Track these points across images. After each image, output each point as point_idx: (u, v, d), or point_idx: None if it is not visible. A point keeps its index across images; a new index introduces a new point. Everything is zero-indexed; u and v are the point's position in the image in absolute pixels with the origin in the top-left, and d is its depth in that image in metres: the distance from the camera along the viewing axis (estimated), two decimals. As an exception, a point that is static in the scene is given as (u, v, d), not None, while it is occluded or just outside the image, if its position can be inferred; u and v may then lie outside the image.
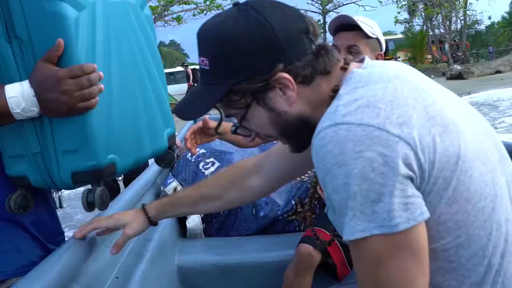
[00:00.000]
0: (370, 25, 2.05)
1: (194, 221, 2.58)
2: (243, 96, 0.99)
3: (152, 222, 1.43)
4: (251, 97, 0.99)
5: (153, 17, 20.96)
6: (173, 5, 21.11)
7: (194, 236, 2.58)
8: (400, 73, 0.95)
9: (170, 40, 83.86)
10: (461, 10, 30.03)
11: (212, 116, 2.23)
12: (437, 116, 0.88)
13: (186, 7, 21.53)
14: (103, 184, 1.26)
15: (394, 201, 0.81)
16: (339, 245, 2.09)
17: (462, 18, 30.91)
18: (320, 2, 29.43)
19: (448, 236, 0.89)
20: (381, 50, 2.12)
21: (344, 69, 1.01)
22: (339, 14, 2.04)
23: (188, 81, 24.11)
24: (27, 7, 1.12)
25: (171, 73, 32.44)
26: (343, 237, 0.86)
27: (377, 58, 2.05)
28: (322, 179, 0.88)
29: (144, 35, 1.42)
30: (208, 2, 20.96)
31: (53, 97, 1.10)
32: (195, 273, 2.30)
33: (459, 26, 32.39)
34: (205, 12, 21.29)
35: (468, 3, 30.09)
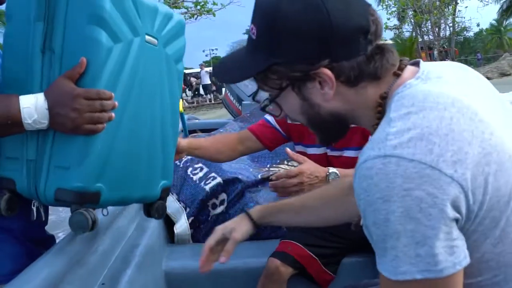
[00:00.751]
0: None
1: (182, 227, 2.57)
2: (280, 78, 0.96)
3: (256, 225, 1.45)
4: (287, 82, 0.96)
5: (144, 21, 20.94)
6: (163, 9, 21.09)
7: (182, 241, 2.57)
8: (456, 98, 0.86)
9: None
10: (450, 17, 30.26)
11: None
12: (493, 153, 0.83)
13: (176, 11, 21.49)
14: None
15: (439, 244, 0.78)
16: (313, 255, 2.05)
17: (451, 25, 31.14)
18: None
19: (486, 274, 0.87)
20: None
21: (397, 75, 0.96)
22: None
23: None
24: (70, 25, 1.19)
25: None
26: (383, 272, 0.83)
27: None
28: (362, 210, 0.84)
29: (169, 88, 1.47)
30: (198, 7, 20.97)
31: (63, 112, 1.14)
32: (183, 279, 2.28)
33: (448, 32, 32.64)
34: (195, 16, 21.31)
35: (457, 10, 30.35)
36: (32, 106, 1.14)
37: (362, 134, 1.89)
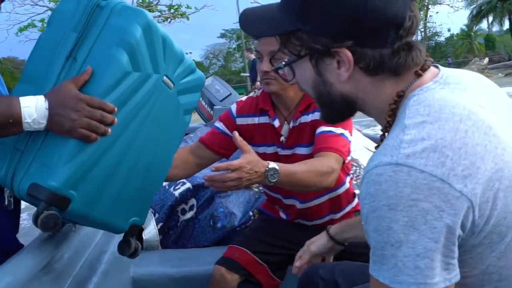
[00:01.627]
0: None
1: (150, 233, 2.56)
2: (301, 45, 0.95)
3: (335, 241, 1.59)
4: (307, 51, 0.95)
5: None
6: (137, 13, 20.93)
7: (150, 248, 2.55)
8: (472, 111, 0.85)
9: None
10: (422, 22, 30.72)
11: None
12: (505, 168, 0.82)
13: (150, 14, 21.39)
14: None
15: (439, 258, 0.79)
16: (261, 261, 2.04)
17: (422, 30, 31.62)
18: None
19: (488, 285, 0.87)
20: None
21: (419, 75, 0.93)
22: None
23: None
24: (100, 42, 1.30)
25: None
26: (380, 279, 0.83)
27: None
28: (365, 214, 0.83)
29: (170, 133, 1.53)
30: (172, 10, 20.88)
31: (64, 113, 1.19)
32: (150, 286, 2.27)
33: (419, 37, 33.11)
34: (169, 20, 21.21)
35: (428, 15, 30.83)
36: (33, 105, 1.18)
37: (312, 130, 1.87)
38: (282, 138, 1.95)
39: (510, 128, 0.90)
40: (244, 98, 2.11)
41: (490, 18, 43.96)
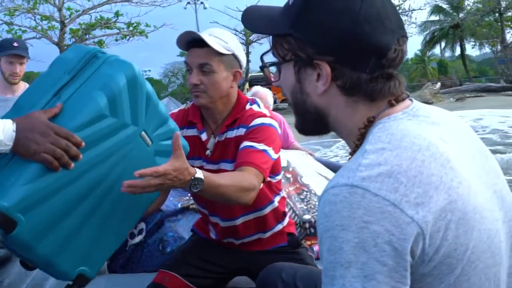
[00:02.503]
0: (225, 40, 1.87)
1: (97, 257, 2.50)
2: (288, 50, 0.98)
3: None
4: (292, 57, 0.98)
5: (74, 40, 20.53)
6: (95, 29, 20.73)
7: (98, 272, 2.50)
8: (433, 143, 0.88)
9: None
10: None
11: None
12: (459, 201, 0.84)
13: (108, 31, 21.20)
14: None
15: (387, 281, 0.79)
16: (191, 285, 2.01)
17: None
18: (243, 33, 29.85)
19: None
20: (240, 67, 1.92)
21: (391, 104, 0.96)
22: (188, 30, 1.85)
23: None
24: (86, 84, 1.38)
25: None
26: None
27: (234, 76, 1.91)
28: (320, 234, 0.84)
29: (139, 201, 1.51)
30: (131, 28, 20.75)
31: (31, 136, 1.22)
32: (96, 312, 2.22)
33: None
34: (128, 37, 21.06)
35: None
36: (0, 128, 1.21)
37: (236, 146, 1.86)
38: (207, 152, 1.94)
39: (470, 165, 0.93)
40: (176, 110, 2.09)
41: (443, 44, 45.46)
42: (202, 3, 36.42)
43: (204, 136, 1.95)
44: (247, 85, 30.88)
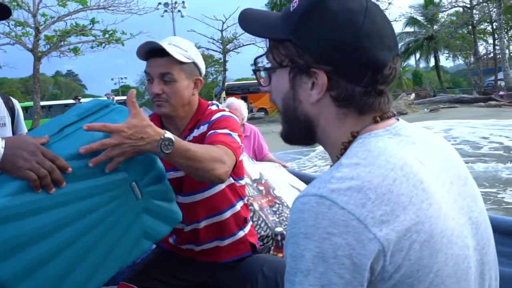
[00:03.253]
0: (185, 48, 1.88)
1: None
2: (286, 55, 0.97)
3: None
4: (289, 63, 0.97)
5: (48, 47, 20.33)
6: (70, 36, 20.56)
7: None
8: (408, 163, 0.88)
9: (68, 70, 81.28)
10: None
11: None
12: (426, 223, 0.84)
13: (84, 38, 21.04)
14: None
15: None
16: None
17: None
18: (220, 42, 29.92)
19: None
20: (200, 74, 1.94)
21: (376, 121, 0.96)
22: (148, 40, 1.84)
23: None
24: (104, 119, 1.43)
25: (66, 105, 31.36)
26: None
27: (195, 84, 1.92)
28: (286, 239, 0.86)
29: (123, 244, 1.45)
30: (107, 35, 20.64)
31: (19, 153, 1.26)
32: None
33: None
34: (103, 45, 20.93)
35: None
36: None
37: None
38: None
39: (446, 189, 0.93)
40: None
41: (418, 55, 46.24)
42: (179, 11, 36.41)
43: None
44: (223, 94, 31.00)
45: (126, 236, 1.45)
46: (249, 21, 1.06)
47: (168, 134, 1.44)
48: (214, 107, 1.97)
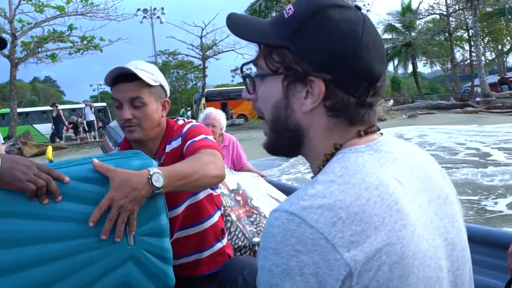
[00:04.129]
0: (151, 72, 1.89)
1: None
2: (281, 62, 0.94)
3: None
4: (284, 70, 0.94)
5: (25, 53, 20.12)
6: (47, 42, 20.37)
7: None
8: (383, 183, 0.87)
9: (45, 76, 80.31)
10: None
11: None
12: (397, 245, 0.83)
13: (61, 45, 20.88)
14: None
15: None
16: None
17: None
18: (200, 48, 29.91)
19: None
20: (166, 96, 1.96)
21: (359, 135, 0.95)
22: (116, 67, 1.84)
23: (55, 121, 23.11)
24: (123, 161, 1.47)
25: (43, 111, 31.03)
26: None
27: (163, 106, 1.94)
28: (259, 250, 0.86)
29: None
30: (85, 42, 20.50)
31: (16, 167, 1.32)
32: None
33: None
34: (81, 51, 20.78)
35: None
36: None
37: (176, 156, 1.87)
38: None
39: (422, 210, 0.92)
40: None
41: (396, 62, 46.75)
42: (158, 17, 36.36)
43: None
44: (203, 100, 30.95)
45: (103, 279, 1.38)
46: (240, 25, 1.03)
47: (152, 169, 1.44)
48: (181, 122, 1.99)
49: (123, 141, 2.02)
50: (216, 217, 2.01)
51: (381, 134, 1.00)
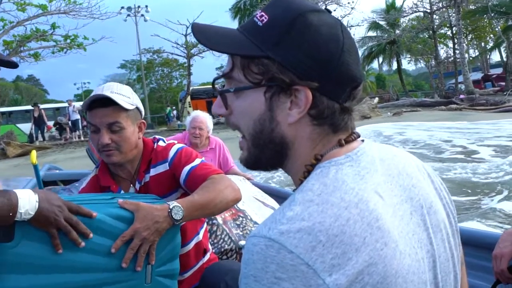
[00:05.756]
0: (127, 95, 1.89)
1: None
2: (262, 73, 0.89)
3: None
4: (266, 82, 0.89)
5: (7, 52, 19.87)
6: (30, 41, 20.17)
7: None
8: (363, 199, 0.85)
9: (29, 75, 79.46)
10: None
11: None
12: (380, 264, 0.81)
13: (44, 43, 20.69)
14: None
15: None
16: None
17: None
18: (185, 46, 29.82)
19: None
20: (141, 117, 1.97)
21: (341, 144, 0.92)
22: (97, 93, 1.85)
23: (36, 121, 22.91)
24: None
25: (27, 111, 30.73)
26: None
27: (139, 127, 1.96)
28: (240, 277, 0.82)
29: None
30: (68, 41, 20.33)
31: (51, 209, 1.38)
32: None
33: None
34: (65, 50, 20.61)
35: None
36: (26, 198, 1.36)
37: (162, 182, 1.91)
38: None
39: (404, 222, 0.90)
40: (84, 183, 2.06)
41: (380, 59, 46.96)
42: (142, 15, 36.17)
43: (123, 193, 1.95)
44: (189, 98, 30.85)
45: None
46: (211, 35, 0.96)
47: (172, 203, 1.58)
48: (161, 143, 2.01)
49: (100, 165, 2.02)
50: (201, 235, 2.02)
51: (362, 141, 0.97)
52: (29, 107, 30.73)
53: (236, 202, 1.83)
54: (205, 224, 2.10)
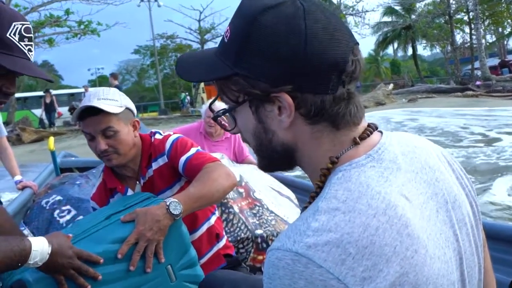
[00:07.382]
0: (114, 98, 1.92)
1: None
2: (239, 91, 0.87)
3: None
4: (245, 97, 0.87)
5: (23, 38, 19.93)
6: (44, 27, 20.25)
7: None
8: (391, 204, 0.81)
9: (43, 61, 79.72)
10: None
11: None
12: (411, 273, 0.78)
13: (58, 29, 20.77)
14: None
15: None
16: None
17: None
18: (198, 32, 29.76)
19: None
20: (134, 115, 2.00)
21: (356, 143, 0.88)
22: (84, 105, 1.88)
23: (47, 107, 23.00)
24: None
25: (41, 96, 30.94)
26: None
27: (134, 126, 1.98)
28: None
29: None
30: (82, 26, 20.37)
31: (61, 261, 1.42)
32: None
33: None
34: (79, 36, 20.66)
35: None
36: (40, 249, 1.38)
37: (163, 175, 1.96)
38: None
39: (432, 222, 0.87)
40: (94, 189, 2.13)
41: (395, 45, 46.51)
42: (156, 1, 36.10)
43: (130, 191, 2.00)
44: (202, 84, 30.83)
45: None
46: (188, 68, 0.96)
47: (169, 200, 1.63)
48: (158, 136, 2.05)
49: (105, 169, 2.08)
50: (213, 220, 2.05)
51: (380, 132, 0.93)
52: (42, 93, 31.00)
53: (233, 188, 1.87)
54: (217, 211, 2.13)
